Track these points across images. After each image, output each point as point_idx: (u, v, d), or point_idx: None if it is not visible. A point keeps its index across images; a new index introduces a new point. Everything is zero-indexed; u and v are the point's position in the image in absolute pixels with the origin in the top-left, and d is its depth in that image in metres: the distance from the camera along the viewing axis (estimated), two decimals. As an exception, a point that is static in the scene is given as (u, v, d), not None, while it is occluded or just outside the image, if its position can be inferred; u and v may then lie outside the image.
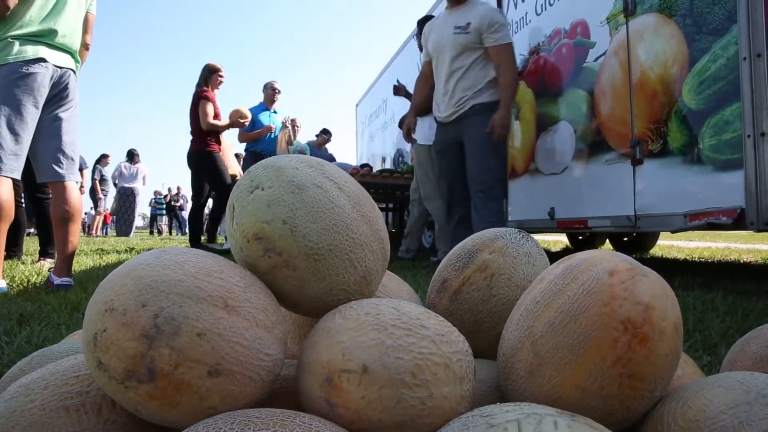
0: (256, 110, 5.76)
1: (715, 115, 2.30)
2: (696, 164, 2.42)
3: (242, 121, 5.22)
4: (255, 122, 5.66)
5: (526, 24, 3.81)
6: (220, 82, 5.10)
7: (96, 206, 12.49)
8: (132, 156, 12.09)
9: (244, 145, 5.93)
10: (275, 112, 5.97)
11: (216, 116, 4.99)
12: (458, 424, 0.47)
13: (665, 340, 0.53)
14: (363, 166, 6.27)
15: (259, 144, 5.74)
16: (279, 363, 0.58)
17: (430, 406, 0.51)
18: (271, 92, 5.92)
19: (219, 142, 5.05)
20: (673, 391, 0.57)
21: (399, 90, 4.71)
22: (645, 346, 0.52)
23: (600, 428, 0.43)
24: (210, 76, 5.04)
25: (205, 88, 4.97)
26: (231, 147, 5.41)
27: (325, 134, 7.54)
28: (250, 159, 5.84)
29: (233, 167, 5.38)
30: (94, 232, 13.39)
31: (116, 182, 11.90)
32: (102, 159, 12.03)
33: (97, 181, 11.74)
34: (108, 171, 12.13)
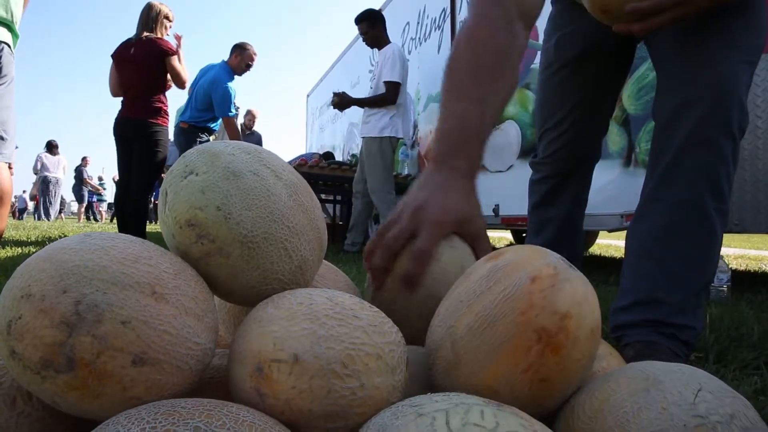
0: (221, 74, 4.26)
1: (651, 121, 2.40)
2: (633, 167, 2.53)
3: None
4: (225, 93, 4.23)
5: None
6: (167, 35, 3.85)
7: (81, 200, 15.18)
8: (51, 147, 12.79)
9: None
10: None
11: None
12: (388, 414, 0.47)
13: (578, 346, 0.54)
14: (326, 155, 6.21)
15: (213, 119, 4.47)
16: (209, 352, 0.56)
17: (361, 396, 0.51)
18: (245, 65, 4.49)
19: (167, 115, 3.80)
20: (587, 382, 0.59)
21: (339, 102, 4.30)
22: (558, 354, 0.53)
23: (525, 417, 0.44)
24: (164, 21, 3.71)
25: (158, 37, 3.65)
26: None
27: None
28: (192, 134, 4.38)
29: None
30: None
31: (38, 172, 12.67)
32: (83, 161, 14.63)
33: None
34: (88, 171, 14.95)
